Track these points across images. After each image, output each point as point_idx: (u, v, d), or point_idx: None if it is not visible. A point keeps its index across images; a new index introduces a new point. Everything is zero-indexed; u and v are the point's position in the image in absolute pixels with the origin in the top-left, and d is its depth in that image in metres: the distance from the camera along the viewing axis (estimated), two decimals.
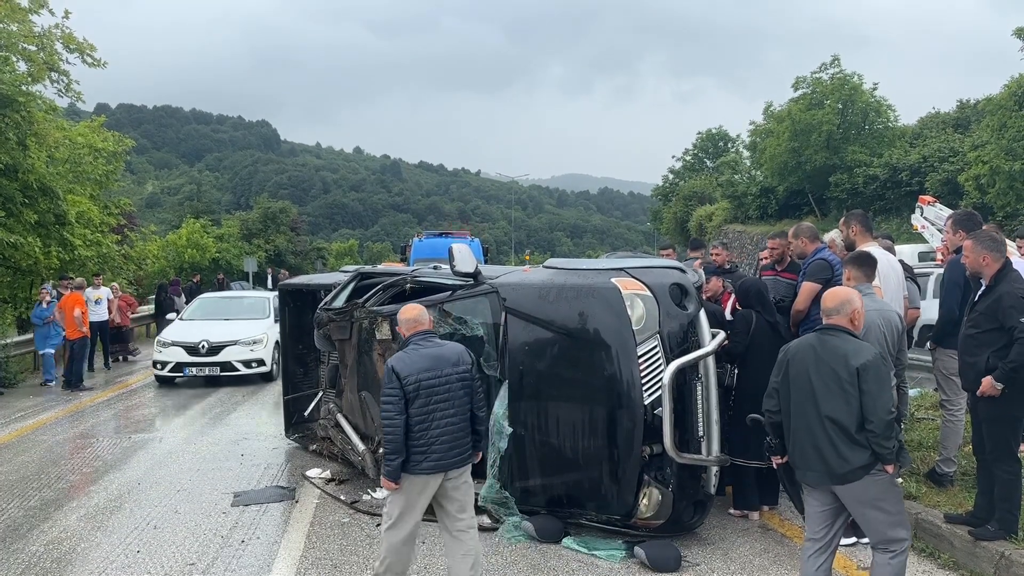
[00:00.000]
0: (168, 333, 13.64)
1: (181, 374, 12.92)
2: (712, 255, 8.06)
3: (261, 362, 13.15)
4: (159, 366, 12.95)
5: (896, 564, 3.76)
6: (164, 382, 13.11)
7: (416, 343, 4.34)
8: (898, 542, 3.76)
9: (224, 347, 12.95)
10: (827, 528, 3.94)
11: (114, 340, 16.48)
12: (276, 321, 13.21)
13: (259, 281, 37.04)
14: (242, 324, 13.76)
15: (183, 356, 12.86)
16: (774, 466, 4.24)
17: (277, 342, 12.89)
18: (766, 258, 6.90)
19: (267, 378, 13.20)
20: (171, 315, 15.53)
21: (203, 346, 12.89)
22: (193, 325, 13.86)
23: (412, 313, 4.48)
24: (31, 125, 15.35)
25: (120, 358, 16.88)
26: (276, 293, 14.84)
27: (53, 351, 13.71)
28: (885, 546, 3.79)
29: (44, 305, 13.58)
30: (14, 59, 16.39)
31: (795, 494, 4.40)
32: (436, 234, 22.02)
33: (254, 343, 13.18)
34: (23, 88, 15.26)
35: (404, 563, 4.35)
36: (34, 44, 17.00)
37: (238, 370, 12.90)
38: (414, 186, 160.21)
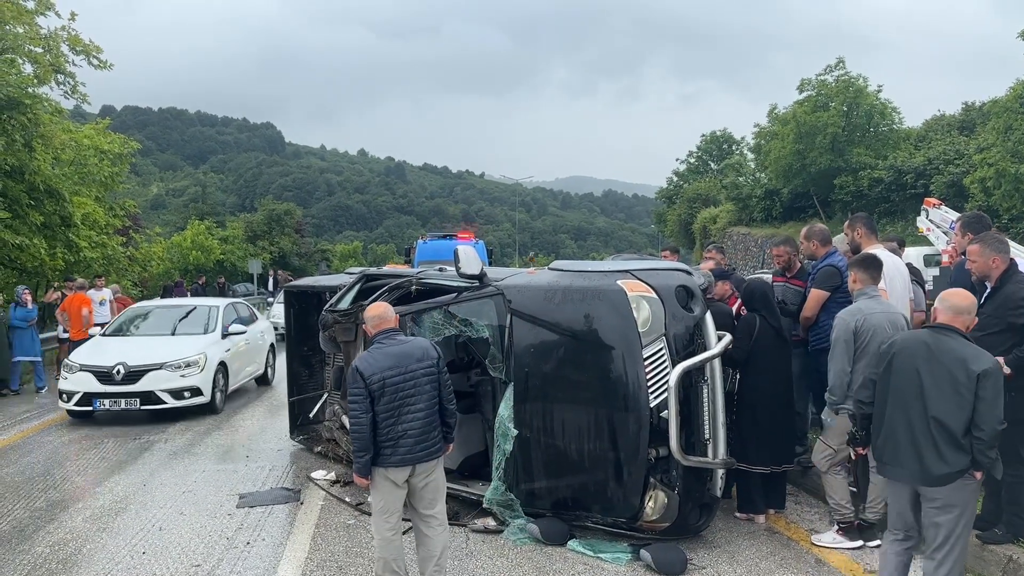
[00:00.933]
0: (79, 354, 10.65)
1: (90, 407, 10.04)
2: (706, 258, 8.06)
3: (196, 391, 10.20)
4: (65, 397, 10.13)
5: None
6: (78, 417, 10.35)
7: (380, 341, 4.43)
8: (956, 548, 3.75)
9: (146, 372, 9.99)
10: (910, 525, 3.95)
11: None
12: (225, 336, 11.34)
13: (263, 283, 37.17)
14: (175, 342, 10.90)
15: (93, 384, 9.95)
16: (852, 457, 4.16)
17: (223, 363, 10.90)
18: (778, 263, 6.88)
19: (210, 410, 10.48)
20: (94, 329, 12.18)
21: (118, 371, 9.93)
22: (113, 343, 10.96)
23: (378, 311, 4.56)
24: (37, 127, 15.42)
25: None
26: (229, 302, 13.19)
27: (32, 359, 13.14)
28: (936, 553, 3.77)
29: (28, 306, 13.07)
30: (20, 61, 16.46)
31: (864, 486, 4.43)
32: (440, 236, 21.97)
33: (186, 366, 10.19)
34: (29, 90, 15.33)
35: (399, 556, 4.43)
36: (40, 46, 17.07)
37: (164, 402, 9.96)
38: (418, 188, 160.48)
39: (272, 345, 13.75)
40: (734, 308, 6.38)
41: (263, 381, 13.20)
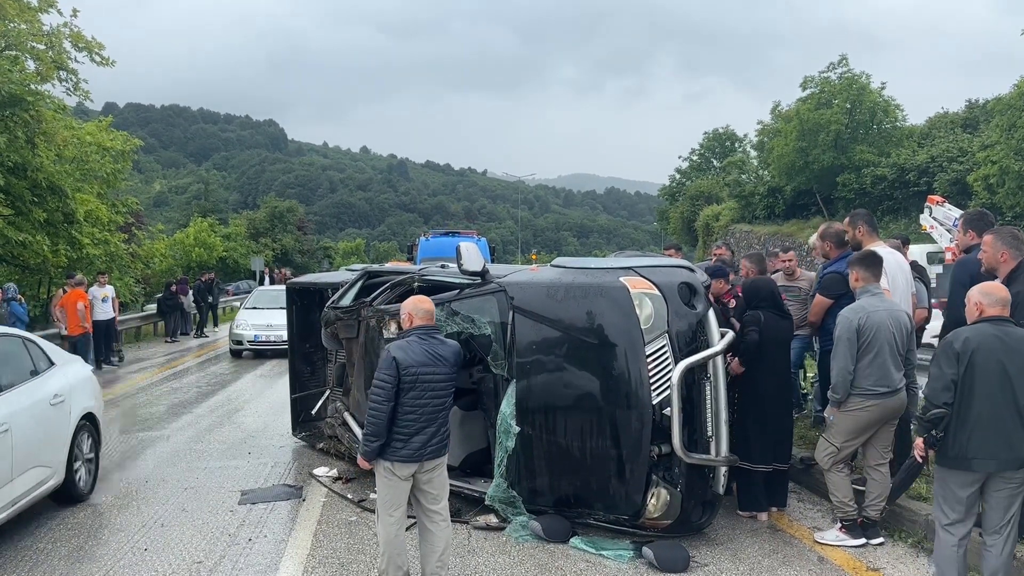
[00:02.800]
0: None
1: None
2: (715, 254, 8.10)
3: None
4: None
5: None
6: None
7: (420, 336, 4.41)
8: (1017, 525, 4.04)
9: None
10: (972, 517, 4.11)
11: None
12: (59, 402, 6.10)
13: (262, 281, 37.18)
14: None
15: None
16: (918, 459, 4.19)
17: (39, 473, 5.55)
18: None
19: None
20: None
21: None
22: None
23: (429, 306, 4.57)
24: (40, 124, 15.44)
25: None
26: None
27: None
28: (1003, 530, 4.02)
29: (23, 303, 13.03)
30: (23, 58, 16.47)
31: (902, 488, 4.71)
32: (443, 233, 22.03)
33: None
34: (32, 87, 15.35)
35: (402, 553, 4.43)
36: (43, 43, 17.07)
37: None
38: (420, 185, 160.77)
39: (91, 416, 6.78)
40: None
41: (64, 496, 6.33)
